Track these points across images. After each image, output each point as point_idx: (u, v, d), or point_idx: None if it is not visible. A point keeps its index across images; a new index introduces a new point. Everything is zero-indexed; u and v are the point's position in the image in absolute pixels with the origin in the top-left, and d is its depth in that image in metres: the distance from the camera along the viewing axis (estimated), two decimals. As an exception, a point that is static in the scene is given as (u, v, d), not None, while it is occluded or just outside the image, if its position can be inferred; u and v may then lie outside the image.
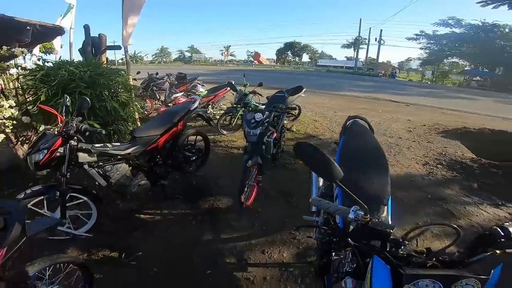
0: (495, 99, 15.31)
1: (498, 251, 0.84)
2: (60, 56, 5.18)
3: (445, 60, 36.57)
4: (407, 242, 0.94)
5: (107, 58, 5.15)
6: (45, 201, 2.12)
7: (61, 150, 2.03)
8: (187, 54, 57.32)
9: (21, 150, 3.13)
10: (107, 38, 4.86)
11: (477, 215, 2.78)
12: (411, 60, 51.47)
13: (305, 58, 57.92)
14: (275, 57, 56.22)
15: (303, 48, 53.87)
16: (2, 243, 1.16)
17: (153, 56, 57.66)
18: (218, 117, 4.89)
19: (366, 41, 38.18)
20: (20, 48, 3.22)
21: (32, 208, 2.06)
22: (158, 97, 5.93)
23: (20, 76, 3.19)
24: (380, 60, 43.23)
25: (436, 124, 6.50)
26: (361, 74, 30.09)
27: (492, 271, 0.81)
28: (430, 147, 4.71)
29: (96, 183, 2.28)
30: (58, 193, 2.05)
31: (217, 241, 2.30)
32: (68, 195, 2.13)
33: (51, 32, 4.49)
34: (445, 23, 31.21)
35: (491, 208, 2.93)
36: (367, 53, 40.59)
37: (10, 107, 2.70)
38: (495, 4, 22.26)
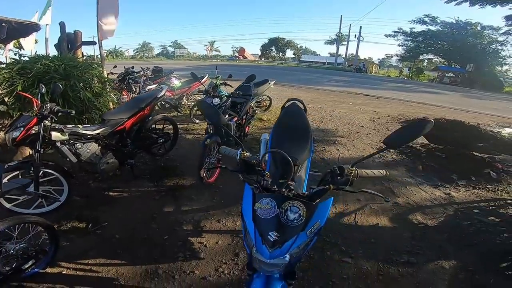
0: (462, 94, 16.35)
1: (332, 186, 1.16)
2: (36, 51, 5.34)
3: (420, 56, 38.14)
4: (267, 173, 1.26)
5: (82, 53, 5.35)
6: (20, 176, 2.30)
7: (36, 129, 2.26)
8: (170, 49, 56.57)
9: (-1, 137, 3.27)
10: (83, 34, 5.15)
11: (415, 194, 3.09)
12: (390, 56, 53.27)
13: (289, 53, 58.65)
14: (259, 53, 56.51)
15: (286, 43, 54.47)
16: None
17: (135, 51, 56.29)
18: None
19: (347, 38, 39.27)
20: None
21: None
22: (134, 89, 6.08)
23: (-4, 70, 3.34)
24: (362, 57, 44.47)
25: (400, 115, 7.01)
26: (338, 69, 31.03)
27: (321, 202, 1.15)
28: (387, 134, 5.16)
29: (68, 159, 2.50)
30: (32, 168, 2.26)
31: (177, 212, 2.57)
32: (42, 171, 2.35)
33: (27, 28, 4.57)
34: (421, 21, 32.49)
35: (430, 188, 3.25)
36: (346, 49, 41.71)
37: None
38: (457, 1, 23.59)
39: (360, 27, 36.80)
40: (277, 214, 1.08)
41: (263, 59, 50.35)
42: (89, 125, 2.67)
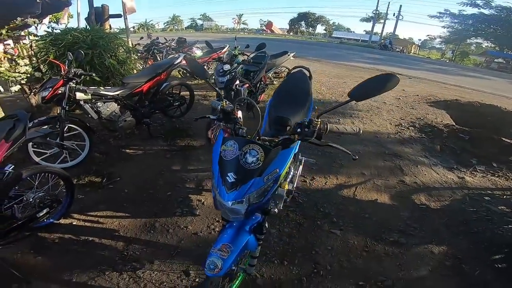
0: (510, 80, 14.70)
1: (297, 136, 1.18)
2: (67, 24, 5.70)
3: (468, 40, 34.53)
4: (240, 120, 1.35)
5: (110, 26, 5.71)
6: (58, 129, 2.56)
7: (62, 89, 2.52)
8: (200, 22, 55.91)
9: (34, 100, 3.63)
10: (109, 8, 5.55)
11: (425, 174, 2.96)
12: (433, 38, 48.46)
13: (320, 29, 55.59)
14: (288, 27, 54.21)
15: (317, 19, 51.76)
16: (8, 138, 1.60)
17: (165, 24, 56.46)
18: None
19: (385, 16, 36.22)
20: (32, 19, 3.63)
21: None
22: (159, 59, 6.29)
23: (33, 42, 3.64)
24: (401, 37, 40.85)
25: (430, 95, 6.55)
26: (370, 47, 28.96)
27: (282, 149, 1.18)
28: (411, 113, 4.92)
29: (89, 116, 2.74)
30: (58, 122, 2.54)
31: (183, 171, 2.76)
32: (67, 127, 2.62)
33: (60, 3, 4.93)
34: (473, 3, 29.26)
35: (443, 170, 3.10)
36: (383, 27, 38.51)
37: (25, 65, 3.30)
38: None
39: (400, 5, 33.79)
40: (237, 156, 1.11)
41: (291, 34, 48.32)
42: (110, 87, 2.90)
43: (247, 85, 3.24)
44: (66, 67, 2.61)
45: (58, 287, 1.58)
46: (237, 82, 3.08)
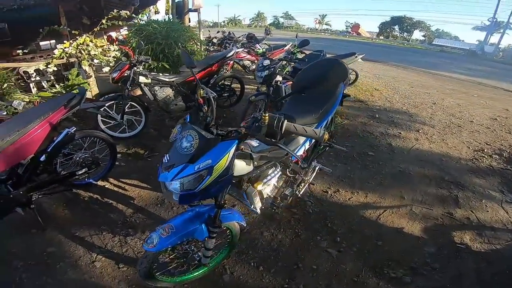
0: None
1: (244, 130, 1.13)
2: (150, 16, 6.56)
3: None
4: (204, 108, 1.25)
5: (189, 19, 6.32)
6: (114, 106, 3.06)
7: (127, 72, 2.95)
8: (282, 20, 56.96)
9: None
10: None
11: (487, 211, 2.35)
12: None
13: (417, 35, 49.19)
14: (377, 30, 49.85)
15: (415, 24, 45.85)
16: (67, 106, 1.93)
17: (250, 20, 59.58)
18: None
19: (505, 24, 29.55)
20: (124, 11, 4.36)
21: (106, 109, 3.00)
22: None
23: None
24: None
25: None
26: (480, 58, 23.91)
27: (222, 141, 1.11)
28: (504, 138, 3.91)
29: (147, 97, 3.13)
30: (122, 99, 2.98)
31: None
32: (129, 103, 3.05)
33: None
34: None
35: None
36: (501, 37, 31.54)
37: (114, 50, 3.96)
38: None
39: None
40: (176, 140, 1.12)
41: (381, 38, 44.23)
42: (167, 74, 3.24)
43: (291, 82, 3.12)
44: (135, 55, 3.04)
45: (63, 238, 1.78)
46: (279, 78, 3.01)
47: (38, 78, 3.99)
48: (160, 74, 3.22)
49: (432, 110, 4.85)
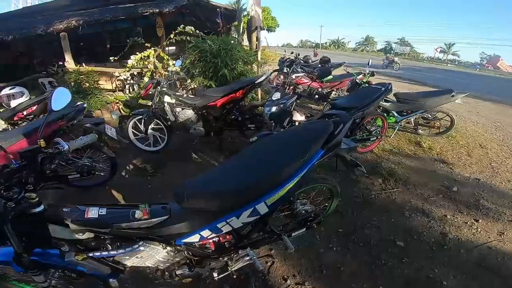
0: None
1: None
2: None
3: None
4: None
5: (257, 38, 5.82)
6: (142, 120, 3.17)
7: (153, 91, 3.09)
8: (395, 46, 51.57)
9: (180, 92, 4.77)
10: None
11: None
12: None
13: None
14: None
15: None
16: (63, 119, 2.04)
17: (356, 44, 56.83)
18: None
19: None
20: (189, 27, 4.69)
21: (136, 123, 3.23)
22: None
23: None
24: None
25: None
26: None
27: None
28: None
29: (168, 117, 3.10)
30: (147, 115, 3.08)
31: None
32: (154, 120, 3.15)
33: (233, 15, 5.97)
34: None
35: None
36: None
37: (173, 64, 4.31)
38: None
39: None
40: None
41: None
42: (192, 96, 3.12)
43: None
44: (163, 73, 3.07)
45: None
46: (299, 117, 2.37)
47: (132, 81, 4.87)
48: (185, 95, 3.14)
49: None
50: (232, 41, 4.30)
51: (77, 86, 4.55)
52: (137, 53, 4.40)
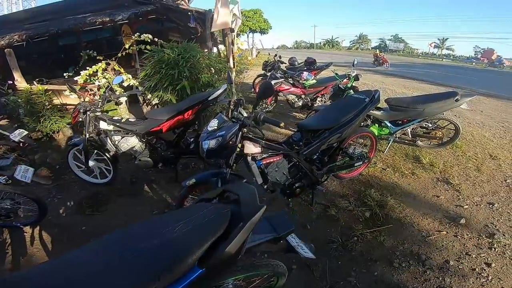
0: None
1: None
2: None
3: None
4: None
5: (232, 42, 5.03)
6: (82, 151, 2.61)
7: (83, 117, 2.49)
8: (389, 43, 50.99)
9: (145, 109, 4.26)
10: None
11: None
12: None
13: None
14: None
15: None
16: None
17: (351, 42, 56.30)
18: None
19: None
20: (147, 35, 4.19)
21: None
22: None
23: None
24: None
25: None
26: None
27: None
28: None
29: (106, 148, 2.51)
30: (82, 147, 2.50)
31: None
32: (95, 151, 2.61)
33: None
34: None
35: None
36: None
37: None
38: None
39: None
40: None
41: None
42: (133, 120, 2.50)
43: (272, 159, 1.77)
44: (90, 94, 2.52)
45: None
46: (249, 150, 1.74)
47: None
48: (126, 119, 2.51)
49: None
50: (197, 48, 3.66)
51: (29, 107, 3.98)
52: (87, 68, 3.82)
